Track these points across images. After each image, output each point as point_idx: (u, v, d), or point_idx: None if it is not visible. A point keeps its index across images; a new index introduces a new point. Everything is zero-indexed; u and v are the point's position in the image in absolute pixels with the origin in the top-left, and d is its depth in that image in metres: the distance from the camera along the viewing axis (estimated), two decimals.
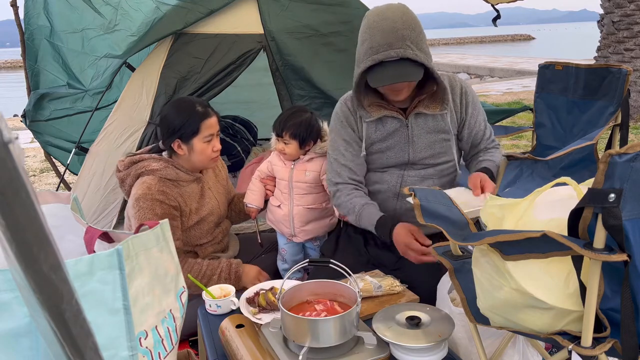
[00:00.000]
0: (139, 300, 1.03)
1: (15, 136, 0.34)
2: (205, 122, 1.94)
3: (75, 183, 2.81)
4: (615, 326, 1.05)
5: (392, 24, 1.60)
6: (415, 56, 1.61)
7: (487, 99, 8.43)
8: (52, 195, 1.37)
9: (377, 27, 1.62)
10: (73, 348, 0.42)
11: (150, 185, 1.90)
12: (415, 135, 1.83)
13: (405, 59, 1.61)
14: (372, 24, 1.64)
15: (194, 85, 2.67)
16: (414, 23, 1.63)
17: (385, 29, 1.60)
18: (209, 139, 1.96)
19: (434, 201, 1.37)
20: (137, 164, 1.97)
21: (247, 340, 1.39)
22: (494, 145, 1.97)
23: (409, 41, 1.60)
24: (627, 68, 2.52)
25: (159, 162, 1.96)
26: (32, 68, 3.45)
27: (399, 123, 1.82)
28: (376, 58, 1.62)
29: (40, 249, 0.37)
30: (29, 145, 6.28)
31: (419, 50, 1.62)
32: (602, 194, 0.93)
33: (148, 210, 1.87)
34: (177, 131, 1.93)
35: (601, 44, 6.83)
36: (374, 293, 1.65)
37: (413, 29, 1.62)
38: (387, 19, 1.61)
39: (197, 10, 2.71)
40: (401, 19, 1.61)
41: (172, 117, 1.94)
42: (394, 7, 1.65)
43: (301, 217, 2.17)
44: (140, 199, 1.88)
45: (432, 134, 1.83)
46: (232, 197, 2.37)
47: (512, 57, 18.76)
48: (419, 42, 1.63)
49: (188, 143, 1.95)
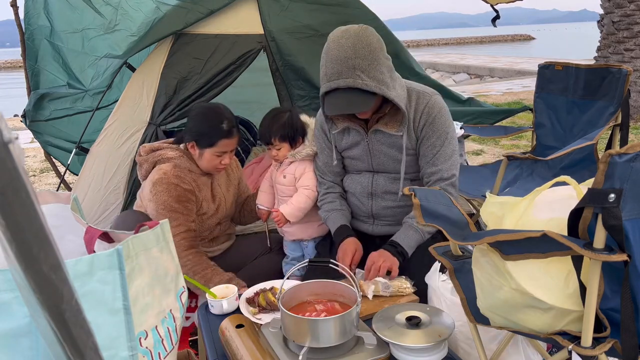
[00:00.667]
0: (139, 300, 1.03)
1: (15, 136, 0.34)
2: (223, 141, 2.01)
3: (76, 183, 2.81)
4: (615, 326, 1.05)
5: (344, 53, 1.64)
6: (365, 85, 1.65)
7: (487, 99, 8.43)
8: (52, 195, 1.37)
9: (330, 55, 1.68)
10: (73, 348, 0.42)
11: (166, 171, 2.01)
12: (374, 148, 1.90)
13: (356, 88, 1.66)
14: (327, 50, 1.70)
15: (195, 86, 2.66)
16: (367, 50, 1.64)
17: (337, 58, 1.65)
18: (220, 155, 2.04)
19: (434, 201, 1.37)
20: (155, 152, 2.09)
21: (247, 340, 1.39)
22: (441, 185, 1.82)
23: (359, 70, 1.64)
24: (627, 68, 2.52)
25: (175, 151, 2.07)
26: (32, 68, 3.45)
27: (360, 136, 1.90)
28: (329, 85, 1.69)
29: (40, 249, 0.37)
30: (29, 145, 6.28)
31: (371, 78, 1.65)
32: (602, 194, 0.93)
33: (164, 192, 1.97)
34: (196, 135, 2.02)
35: (601, 44, 6.83)
36: (382, 293, 1.66)
37: (365, 57, 1.64)
38: (341, 47, 1.65)
39: (197, 10, 2.71)
40: (353, 48, 1.64)
41: (198, 121, 2.04)
42: (350, 33, 1.67)
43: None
44: (157, 183, 1.99)
45: (390, 148, 1.88)
46: (245, 198, 2.41)
47: (512, 57, 18.77)
48: (371, 70, 1.65)
49: (201, 149, 2.03)
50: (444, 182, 1.84)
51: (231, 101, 4.07)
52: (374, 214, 1.98)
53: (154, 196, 1.98)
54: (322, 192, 2.07)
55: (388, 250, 1.78)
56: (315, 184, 2.08)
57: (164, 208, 1.97)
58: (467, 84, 12.57)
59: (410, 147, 1.86)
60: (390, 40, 3.11)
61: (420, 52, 25.86)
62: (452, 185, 1.87)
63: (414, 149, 1.87)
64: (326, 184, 2.07)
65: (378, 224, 1.99)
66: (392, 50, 3.12)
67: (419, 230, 1.82)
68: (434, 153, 1.84)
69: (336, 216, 2.00)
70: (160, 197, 1.97)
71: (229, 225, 2.36)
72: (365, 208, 1.98)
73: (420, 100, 1.83)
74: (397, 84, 1.76)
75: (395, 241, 1.81)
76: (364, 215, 2.01)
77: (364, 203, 1.98)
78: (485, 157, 5.21)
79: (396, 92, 1.73)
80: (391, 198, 1.93)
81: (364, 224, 2.02)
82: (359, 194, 1.98)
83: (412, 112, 1.82)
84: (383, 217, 1.97)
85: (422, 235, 1.82)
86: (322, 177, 2.08)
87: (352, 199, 2.03)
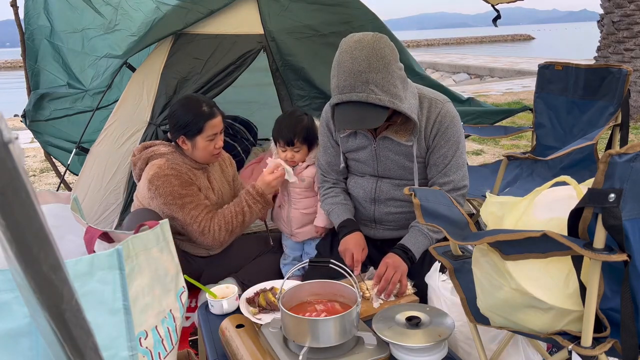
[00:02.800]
0: (139, 300, 1.03)
1: (15, 136, 0.34)
2: (210, 122, 2.02)
3: (76, 183, 2.81)
4: (615, 326, 1.05)
5: (357, 67, 1.58)
6: (379, 100, 1.59)
7: (487, 99, 8.43)
8: (52, 195, 1.37)
9: (343, 67, 1.61)
10: (73, 348, 0.42)
11: (160, 165, 2.02)
12: (381, 155, 1.86)
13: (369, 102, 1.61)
14: (340, 61, 1.62)
15: (195, 86, 2.66)
16: (382, 63, 1.59)
17: (350, 71, 1.59)
18: (212, 138, 2.05)
19: (434, 201, 1.37)
20: (148, 149, 2.11)
21: (247, 340, 1.39)
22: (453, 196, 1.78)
23: (373, 85, 1.58)
24: (627, 68, 2.52)
25: (167, 147, 2.10)
26: (32, 68, 3.45)
27: (368, 141, 1.86)
28: (341, 98, 1.62)
29: (40, 249, 0.37)
30: (29, 145, 6.28)
31: (384, 92, 1.60)
32: (602, 194, 0.93)
33: (166, 184, 1.98)
34: (182, 128, 2.02)
35: (601, 44, 6.83)
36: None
37: (379, 70, 1.58)
38: (354, 60, 1.58)
39: (197, 10, 2.71)
40: (367, 61, 1.57)
41: (179, 114, 2.04)
42: (364, 43, 1.60)
43: (297, 220, 2.20)
44: (153, 179, 1.99)
45: (398, 155, 1.84)
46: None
47: (512, 57, 18.76)
48: (385, 84, 1.60)
49: (192, 140, 2.04)
50: (456, 192, 1.81)
51: (231, 101, 4.08)
52: (376, 218, 1.95)
53: (155, 192, 1.98)
54: (326, 187, 2.04)
55: (399, 255, 1.73)
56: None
57: (173, 197, 1.97)
58: (467, 84, 12.57)
59: (420, 155, 1.82)
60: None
61: (420, 52, 25.86)
62: (463, 197, 1.85)
63: (423, 157, 1.83)
64: (330, 180, 2.05)
65: (380, 228, 1.97)
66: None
67: (427, 236, 1.78)
68: (445, 163, 1.80)
69: (341, 209, 1.96)
70: (164, 190, 1.97)
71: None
72: (367, 213, 1.96)
73: (432, 108, 1.78)
74: (409, 94, 1.70)
75: (406, 246, 1.76)
76: (366, 219, 1.99)
77: (366, 208, 1.95)
78: (485, 157, 5.21)
79: (409, 103, 1.68)
80: (394, 204, 1.90)
81: (366, 227, 2.00)
82: (361, 199, 1.95)
83: (424, 121, 1.78)
84: (385, 222, 1.94)
85: (431, 241, 1.79)
86: (325, 175, 2.05)
87: (354, 203, 2.00)
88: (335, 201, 1.99)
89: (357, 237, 1.87)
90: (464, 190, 1.85)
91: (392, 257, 1.72)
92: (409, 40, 41.76)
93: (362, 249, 1.84)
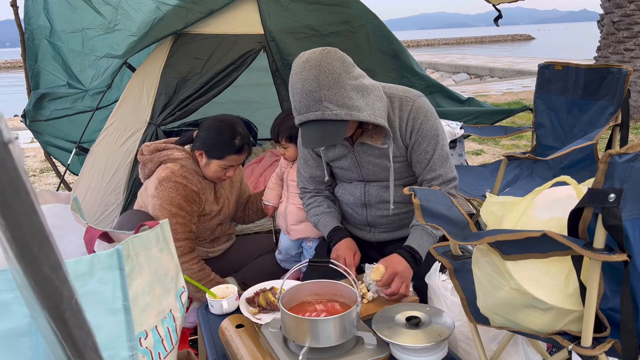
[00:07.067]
0: (139, 300, 1.03)
1: (15, 136, 0.34)
2: (233, 156, 2.04)
3: (76, 183, 2.81)
4: (615, 326, 1.05)
5: (308, 87, 1.56)
6: (335, 116, 1.57)
7: (487, 99, 8.43)
8: (52, 195, 1.37)
9: (295, 89, 1.60)
10: (73, 348, 0.42)
11: (173, 170, 2.02)
12: (362, 160, 1.85)
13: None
14: (292, 83, 1.62)
15: (195, 86, 2.66)
16: (331, 78, 1.56)
17: (302, 92, 1.57)
18: (226, 168, 2.07)
19: (434, 201, 1.37)
20: (161, 152, 2.10)
21: (247, 340, 1.39)
22: (445, 189, 1.80)
23: (327, 101, 1.56)
24: (627, 68, 2.52)
25: (181, 152, 2.09)
26: (32, 68, 3.45)
27: (347, 149, 1.85)
28: (300, 119, 1.62)
29: (40, 249, 0.37)
30: (29, 145, 6.29)
31: (339, 106, 1.57)
32: (602, 194, 0.93)
33: (172, 189, 1.99)
34: (206, 145, 2.04)
35: (601, 44, 6.84)
36: (381, 295, 1.66)
37: (330, 86, 1.55)
38: (305, 80, 1.56)
39: (197, 10, 2.71)
40: (316, 80, 1.55)
41: (211, 133, 2.05)
42: (312, 62, 1.58)
43: (293, 216, 2.20)
44: (163, 181, 1.99)
45: (378, 159, 1.82)
46: (248, 197, 2.43)
47: (512, 57, 18.78)
48: (339, 98, 1.57)
49: (209, 159, 2.05)
50: (446, 185, 1.81)
51: (231, 101, 4.09)
52: (370, 222, 1.94)
53: (159, 192, 1.98)
54: (307, 197, 2.03)
55: (406, 258, 1.70)
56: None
57: (170, 203, 1.97)
58: (467, 84, 12.57)
59: (399, 154, 1.81)
60: (390, 40, 3.12)
61: (420, 52, 25.87)
62: (455, 188, 1.84)
63: (403, 156, 1.82)
64: (311, 192, 2.03)
65: (375, 231, 1.96)
66: (392, 50, 3.13)
67: (431, 234, 1.77)
68: (428, 159, 1.79)
69: (327, 219, 1.96)
70: (167, 194, 1.98)
71: (229, 225, 2.36)
72: (360, 217, 1.95)
73: (403, 106, 1.76)
74: (371, 100, 1.66)
75: (414, 248, 1.73)
76: (360, 224, 1.98)
77: (358, 213, 1.94)
78: (485, 157, 5.21)
79: (371, 110, 1.65)
80: (385, 207, 1.89)
81: (361, 231, 1.99)
82: (352, 205, 1.94)
83: (396, 120, 1.76)
84: (380, 225, 1.94)
85: (435, 239, 1.78)
86: (305, 186, 2.03)
87: (347, 209, 1.98)
88: (319, 211, 1.98)
89: (348, 243, 1.87)
90: (455, 182, 1.84)
91: (400, 264, 1.68)
92: (409, 40, 41.78)
93: (353, 253, 1.83)
